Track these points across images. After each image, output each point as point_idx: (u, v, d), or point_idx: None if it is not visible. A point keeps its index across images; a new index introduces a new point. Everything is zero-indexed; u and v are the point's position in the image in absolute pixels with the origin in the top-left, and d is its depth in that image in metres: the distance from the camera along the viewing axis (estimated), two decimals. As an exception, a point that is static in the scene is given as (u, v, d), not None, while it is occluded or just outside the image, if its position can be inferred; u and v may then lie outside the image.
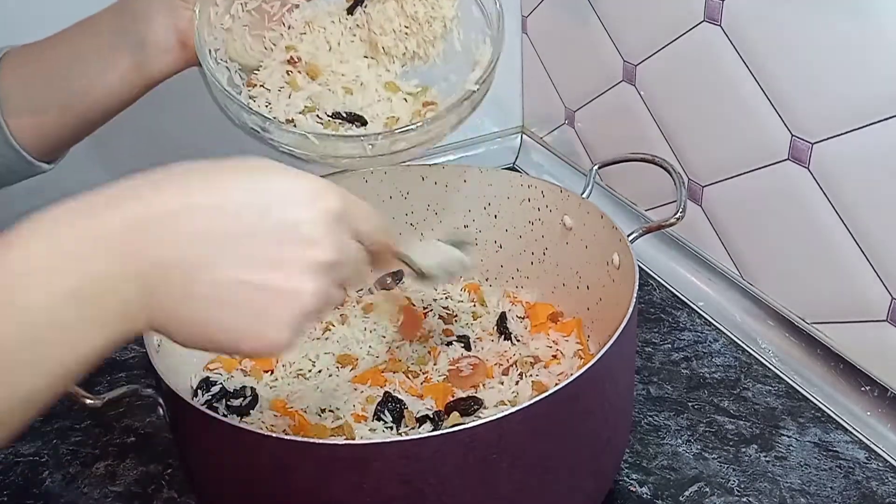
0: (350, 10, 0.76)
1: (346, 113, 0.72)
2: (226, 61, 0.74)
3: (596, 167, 0.82)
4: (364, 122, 0.72)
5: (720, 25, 0.86)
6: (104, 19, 0.72)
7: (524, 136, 1.29)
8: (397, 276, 0.90)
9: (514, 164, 1.28)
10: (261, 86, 0.73)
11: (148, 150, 1.05)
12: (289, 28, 0.76)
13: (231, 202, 0.45)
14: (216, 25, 0.73)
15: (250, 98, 0.73)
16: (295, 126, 0.70)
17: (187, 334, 0.46)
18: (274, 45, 0.75)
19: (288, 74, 0.74)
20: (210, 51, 0.72)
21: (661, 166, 0.78)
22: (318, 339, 0.83)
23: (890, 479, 0.73)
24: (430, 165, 0.91)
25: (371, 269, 0.55)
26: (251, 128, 0.70)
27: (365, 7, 0.76)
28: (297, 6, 0.76)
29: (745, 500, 0.72)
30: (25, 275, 0.41)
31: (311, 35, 0.76)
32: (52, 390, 0.43)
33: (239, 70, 0.75)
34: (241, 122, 0.71)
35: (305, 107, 0.72)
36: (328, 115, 0.72)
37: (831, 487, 0.73)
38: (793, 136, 0.82)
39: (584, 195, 0.80)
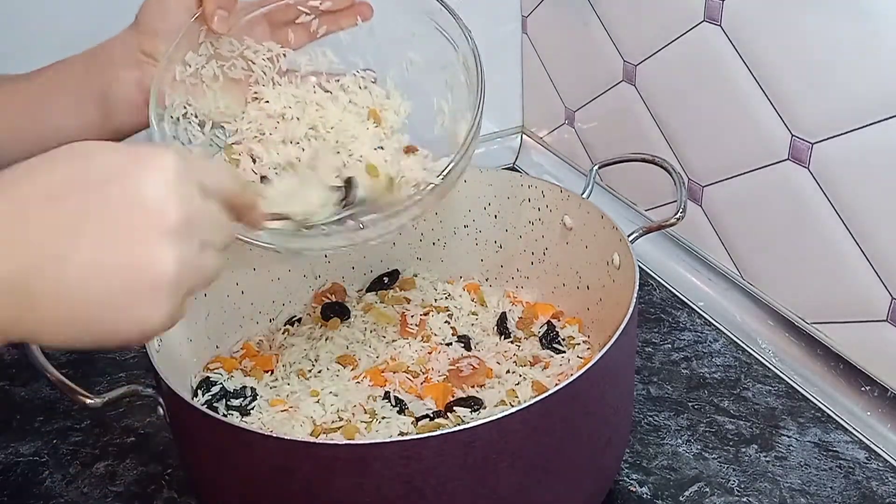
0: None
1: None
2: (194, 117, 0.70)
3: (596, 167, 0.82)
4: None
5: (720, 25, 0.87)
6: (76, 65, 0.70)
7: (524, 136, 1.29)
8: (393, 277, 0.90)
9: (514, 164, 1.28)
10: (236, 157, 0.70)
11: None
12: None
13: (60, 190, 0.42)
14: (184, 82, 0.69)
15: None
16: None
17: (54, 338, 0.43)
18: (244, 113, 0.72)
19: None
20: (171, 116, 0.68)
21: (661, 166, 0.78)
22: (318, 339, 0.83)
23: (890, 479, 0.73)
24: (430, 165, 0.90)
25: (240, 226, 0.52)
26: None
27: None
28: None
29: (745, 500, 0.72)
30: None
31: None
32: None
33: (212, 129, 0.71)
34: None
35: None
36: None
37: (831, 487, 0.73)
38: (793, 136, 0.82)
39: (584, 195, 0.80)
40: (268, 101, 0.71)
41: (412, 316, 0.84)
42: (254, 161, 0.69)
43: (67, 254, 0.41)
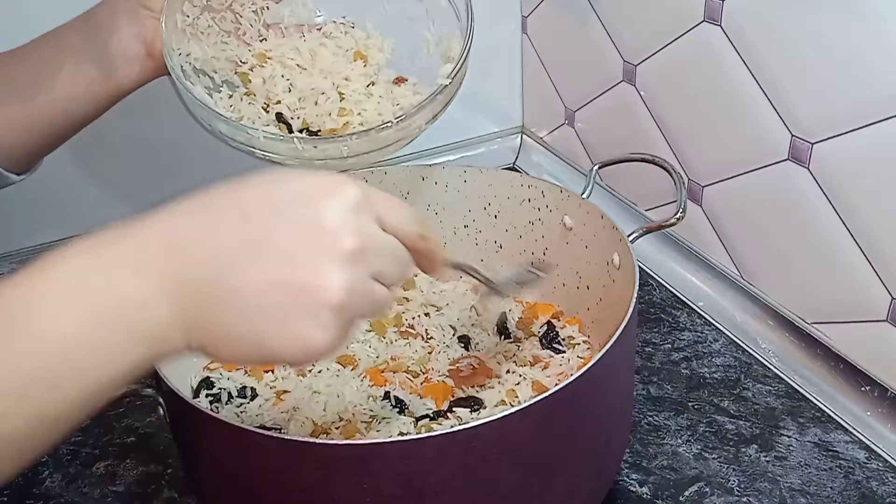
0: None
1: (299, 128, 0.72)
2: (197, 66, 0.73)
3: (596, 167, 0.82)
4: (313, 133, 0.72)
5: (720, 25, 0.87)
6: (70, 31, 0.71)
7: (524, 136, 1.29)
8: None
9: (514, 164, 1.28)
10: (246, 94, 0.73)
11: (126, 157, 1.06)
12: (262, 39, 0.75)
13: (251, 207, 0.45)
14: (184, 31, 0.71)
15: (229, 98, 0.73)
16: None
17: (227, 350, 0.45)
18: (242, 60, 0.75)
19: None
20: (180, 55, 0.70)
21: (661, 166, 0.78)
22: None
23: (890, 479, 0.73)
24: (430, 165, 0.91)
25: (419, 269, 0.53)
26: (222, 133, 0.69)
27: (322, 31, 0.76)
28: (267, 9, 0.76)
29: (745, 500, 0.72)
30: (52, 298, 0.41)
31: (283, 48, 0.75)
32: (78, 414, 0.43)
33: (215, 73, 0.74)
34: (213, 128, 0.70)
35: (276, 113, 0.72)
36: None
37: (831, 487, 0.73)
38: (793, 136, 0.82)
39: (585, 195, 0.80)
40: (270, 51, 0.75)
41: (412, 316, 0.84)
42: (266, 108, 0.73)
43: (248, 267, 0.44)
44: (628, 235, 0.73)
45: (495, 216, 0.88)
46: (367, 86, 0.74)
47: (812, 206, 0.82)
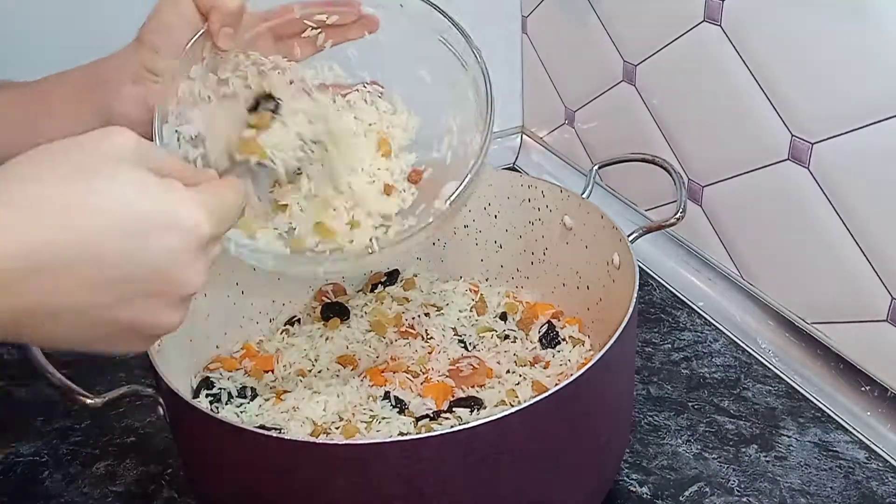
0: (253, 109, 0.69)
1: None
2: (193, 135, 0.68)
3: (596, 167, 0.82)
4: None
5: (720, 25, 0.87)
6: (76, 76, 0.70)
7: (524, 136, 1.29)
8: (392, 277, 0.89)
9: (514, 164, 1.28)
10: None
11: None
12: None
13: (94, 252, 0.43)
14: (186, 99, 0.67)
15: None
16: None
17: (47, 346, 0.48)
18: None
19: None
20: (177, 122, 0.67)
21: (661, 166, 0.78)
22: (318, 339, 0.83)
23: (890, 479, 0.73)
24: (430, 165, 0.90)
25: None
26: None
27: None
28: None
29: (745, 500, 0.72)
30: None
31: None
32: None
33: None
34: None
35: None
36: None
37: (831, 487, 0.73)
38: (793, 136, 0.82)
39: (585, 195, 0.80)
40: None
41: (412, 316, 0.84)
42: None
43: (85, 306, 0.44)
44: (628, 235, 0.73)
45: (495, 216, 0.88)
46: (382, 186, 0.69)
47: (812, 206, 0.82)
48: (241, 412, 0.74)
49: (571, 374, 0.58)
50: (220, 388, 0.76)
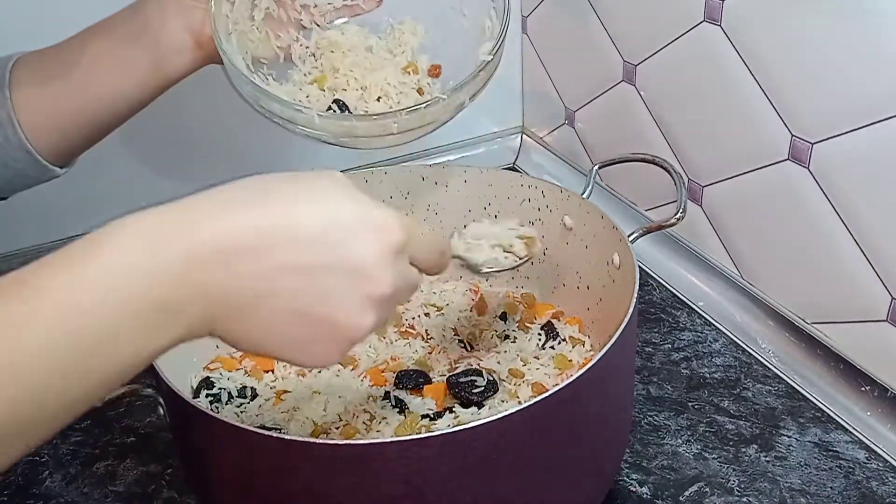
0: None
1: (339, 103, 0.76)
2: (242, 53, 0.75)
3: (596, 167, 0.82)
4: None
5: (720, 25, 0.87)
6: (117, 23, 0.72)
7: (524, 136, 1.29)
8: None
9: (514, 164, 1.28)
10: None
11: (166, 148, 1.06)
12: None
13: (304, 235, 0.45)
14: (230, 18, 0.74)
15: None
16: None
17: (243, 347, 0.48)
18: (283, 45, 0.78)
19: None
20: (228, 37, 0.72)
21: (661, 166, 0.78)
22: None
23: (890, 479, 0.73)
24: (430, 165, 0.91)
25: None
26: (269, 111, 0.71)
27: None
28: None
29: (745, 500, 0.72)
30: (93, 286, 0.41)
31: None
32: (92, 397, 0.43)
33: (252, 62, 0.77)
34: (261, 106, 0.71)
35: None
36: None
37: (831, 487, 0.73)
38: (793, 136, 0.82)
39: (585, 195, 0.80)
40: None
41: (412, 316, 0.84)
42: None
43: (288, 297, 0.46)
44: (628, 235, 0.73)
45: (495, 216, 0.88)
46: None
47: (812, 206, 0.82)
48: (241, 412, 0.74)
49: (571, 374, 0.58)
50: (221, 388, 0.76)
